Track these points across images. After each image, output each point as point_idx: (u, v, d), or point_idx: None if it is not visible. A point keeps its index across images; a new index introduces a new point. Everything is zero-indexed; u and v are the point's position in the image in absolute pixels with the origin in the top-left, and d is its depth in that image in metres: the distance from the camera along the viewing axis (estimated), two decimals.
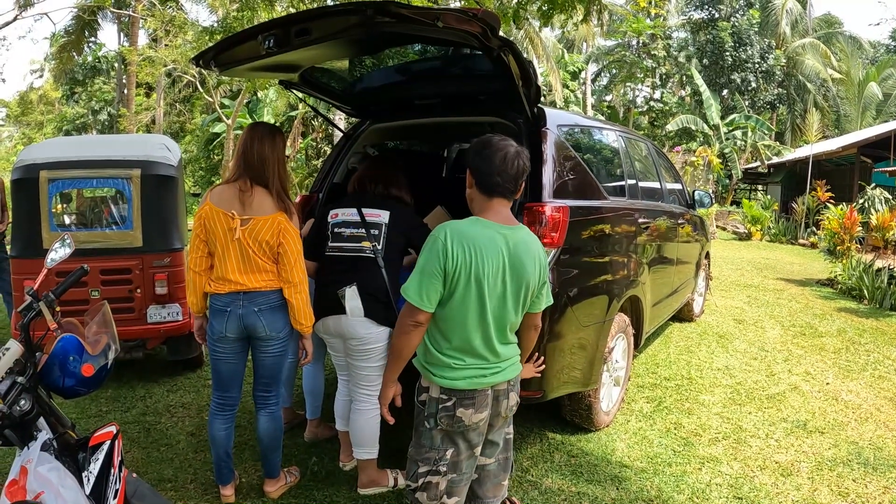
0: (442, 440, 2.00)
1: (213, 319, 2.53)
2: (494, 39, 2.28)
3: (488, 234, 1.93)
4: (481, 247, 1.90)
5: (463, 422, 1.96)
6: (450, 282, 1.89)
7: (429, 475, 2.01)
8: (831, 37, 24.71)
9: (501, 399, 2.05)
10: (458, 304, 1.92)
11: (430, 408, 2.00)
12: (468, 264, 1.88)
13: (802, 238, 14.91)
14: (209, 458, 3.14)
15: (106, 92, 27.27)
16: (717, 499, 3.01)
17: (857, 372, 5.10)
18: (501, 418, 2.09)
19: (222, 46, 2.68)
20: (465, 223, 1.96)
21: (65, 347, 1.92)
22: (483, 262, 1.89)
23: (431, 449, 2.01)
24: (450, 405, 1.96)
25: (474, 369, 1.97)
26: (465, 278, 1.89)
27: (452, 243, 1.88)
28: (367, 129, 3.70)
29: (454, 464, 2.01)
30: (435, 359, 1.99)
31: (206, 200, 2.52)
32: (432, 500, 2.03)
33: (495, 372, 2.01)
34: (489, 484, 2.18)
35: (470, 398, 1.96)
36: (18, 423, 1.75)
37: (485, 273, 1.89)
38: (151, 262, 4.14)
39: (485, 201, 2.00)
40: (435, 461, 2.00)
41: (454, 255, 1.87)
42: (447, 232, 1.90)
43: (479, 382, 1.98)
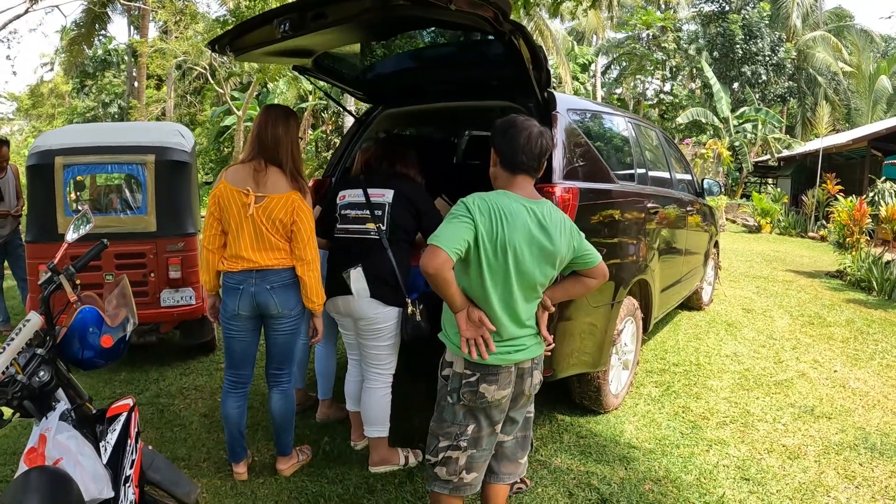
0: (464, 416, 2.02)
1: (226, 297, 2.58)
2: (506, 23, 2.30)
3: (515, 205, 1.95)
4: (508, 216, 1.91)
5: (486, 398, 1.98)
6: (476, 243, 1.89)
7: (449, 450, 2.03)
8: (842, 30, 24.44)
9: (525, 377, 2.07)
10: (485, 274, 1.92)
11: (453, 382, 2.02)
12: (494, 231, 1.89)
13: (812, 231, 14.82)
14: (222, 438, 3.20)
15: (116, 85, 27.43)
16: (724, 479, 3.04)
17: (865, 360, 5.10)
18: (525, 396, 2.10)
19: (237, 31, 2.71)
20: (493, 193, 1.98)
21: (85, 319, 1.96)
22: (510, 232, 1.90)
23: (453, 424, 2.03)
24: (473, 380, 1.98)
25: (500, 345, 1.98)
26: (493, 246, 1.90)
27: (478, 205, 1.90)
28: (379, 114, 3.73)
29: (475, 440, 2.04)
30: None
31: (221, 179, 2.56)
32: (451, 476, 2.05)
33: (520, 349, 2.02)
34: (506, 461, 2.21)
35: (494, 374, 1.98)
36: (38, 394, 1.79)
37: (511, 243, 1.91)
38: (165, 247, 4.20)
39: (509, 178, 2.03)
40: (456, 436, 2.02)
41: (480, 214, 1.88)
42: (475, 197, 1.93)
43: (504, 359, 1.99)
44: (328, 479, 2.83)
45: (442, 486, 2.09)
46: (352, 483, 2.80)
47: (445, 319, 2.07)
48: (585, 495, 2.80)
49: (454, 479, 2.06)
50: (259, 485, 2.78)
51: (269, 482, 2.80)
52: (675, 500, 2.82)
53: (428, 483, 2.14)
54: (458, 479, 2.06)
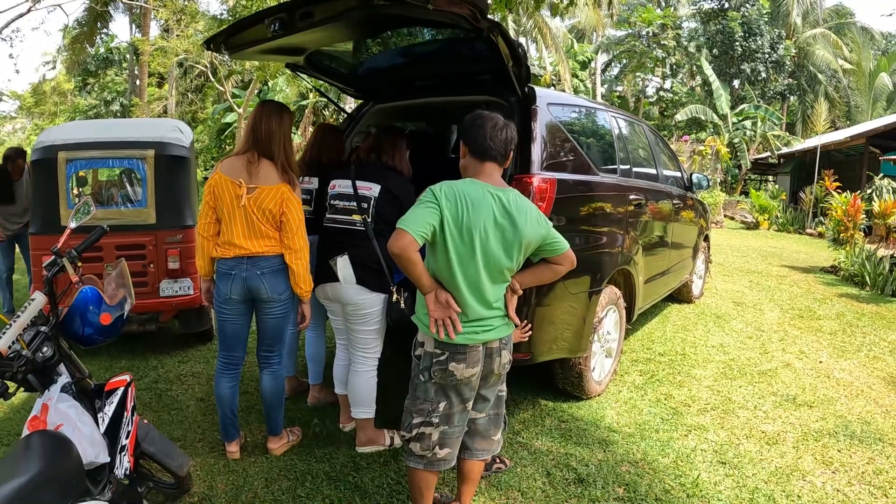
0: (436, 393, 2.14)
1: (219, 282, 2.71)
2: (483, 21, 2.41)
3: (480, 191, 2.08)
4: (473, 201, 2.04)
5: (455, 375, 2.10)
6: (441, 227, 2.01)
7: (422, 426, 2.16)
8: (842, 27, 24.42)
9: (494, 356, 2.18)
10: (452, 257, 2.04)
11: (424, 361, 2.14)
12: (460, 215, 2.02)
13: (810, 228, 14.88)
14: (216, 420, 3.32)
15: (118, 83, 27.60)
16: (700, 463, 3.12)
17: (852, 352, 5.18)
18: (495, 375, 2.22)
19: (232, 30, 2.83)
20: (460, 181, 2.11)
21: (85, 298, 2.09)
22: (475, 216, 2.03)
23: (425, 401, 2.15)
24: (443, 359, 2.10)
25: (467, 326, 2.10)
26: (458, 230, 2.02)
27: (444, 191, 2.03)
28: (369, 109, 3.85)
29: (446, 416, 2.16)
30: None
31: (216, 170, 2.70)
32: (425, 451, 2.17)
33: (487, 329, 2.14)
34: (479, 437, 2.32)
35: (462, 353, 2.10)
36: (41, 368, 1.91)
37: (476, 227, 2.03)
38: (164, 239, 4.33)
39: (478, 165, 2.15)
40: (428, 412, 2.14)
41: (447, 200, 2.01)
42: (442, 185, 2.07)
43: (472, 339, 2.11)
44: (316, 458, 2.95)
45: (416, 462, 2.21)
46: (339, 462, 2.92)
47: (418, 303, 2.18)
48: (563, 475, 2.91)
49: (428, 454, 2.17)
50: (251, 463, 2.90)
51: (260, 461, 2.92)
52: (650, 482, 2.91)
53: (405, 459, 2.25)
54: (432, 455, 2.17)
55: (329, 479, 2.79)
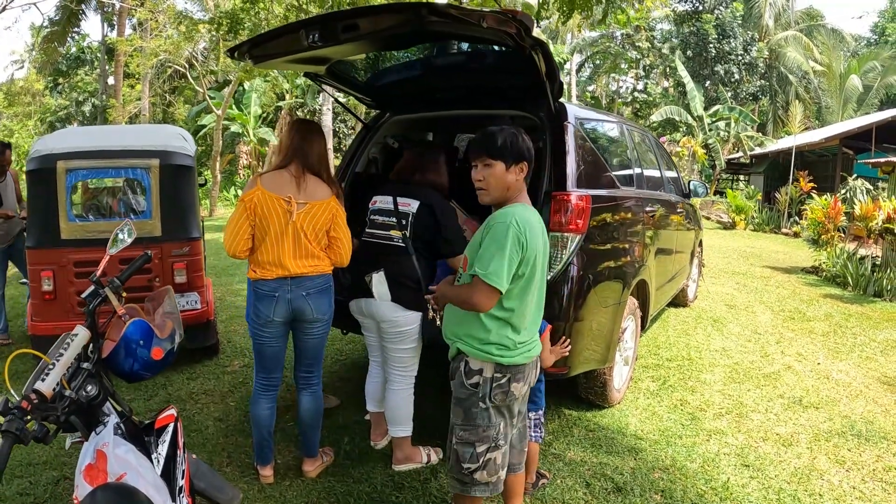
0: (494, 416, 2.12)
1: (258, 304, 2.62)
2: (528, 39, 2.41)
3: (534, 217, 2.09)
4: (535, 229, 2.05)
5: (515, 395, 2.11)
6: (523, 265, 2.02)
7: (489, 452, 2.12)
8: (813, 29, 25.14)
9: (533, 368, 2.21)
10: (525, 285, 2.05)
11: (483, 388, 2.09)
12: (534, 248, 2.03)
13: (785, 227, 15.28)
14: (240, 441, 3.26)
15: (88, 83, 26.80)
16: (726, 466, 3.22)
17: (846, 353, 5.35)
18: (531, 387, 2.24)
19: (259, 40, 2.77)
20: (524, 210, 2.07)
21: (136, 332, 1.97)
22: (538, 243, 2.05)
23: (489, 427, 2.11)
24: (504, 382, 2.08)
25: (526, 345, 2.12)
26: (532, 259, 2.03)
27: (526, 230, 2.00)
28: (387, 121, 3.82)
29: (505, 435, 2.16)
30: (493, 338, 2.06)
31: (255, 186, 2.58)
32: (492, 476, 2.13)
33: (535, 345, 2.18)
34: (515, 451, 2.33)
35: (521, 372, 2.11)
36: (85, 409, 1.79)
37: (537, 253, 2.05)
38: (170, 251, 4.22)
39: (524, 188, 2.15)
40: (493, 438, 2.12)
41: (528, 239, 1.99)
42: (517, 220, 1.99)
43: (529, 356, 2.13)
44: (354, 479, 2.91)
45: (483, 489, 2.15)
46: (378, 481, 2.89)
47: (467, 329, 2.12)
48: (601, 485, 2.95)
49: (494, 478, 2.15)
50: (286, 487, 2.84)
51: (297, 484, 2.86)
52: (683, 487, 2.98)
53: (466, 490, 2.16)
54: (497, 478, 2.16)
55: (371, 500, 2.76)
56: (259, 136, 19.16)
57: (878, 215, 7.41)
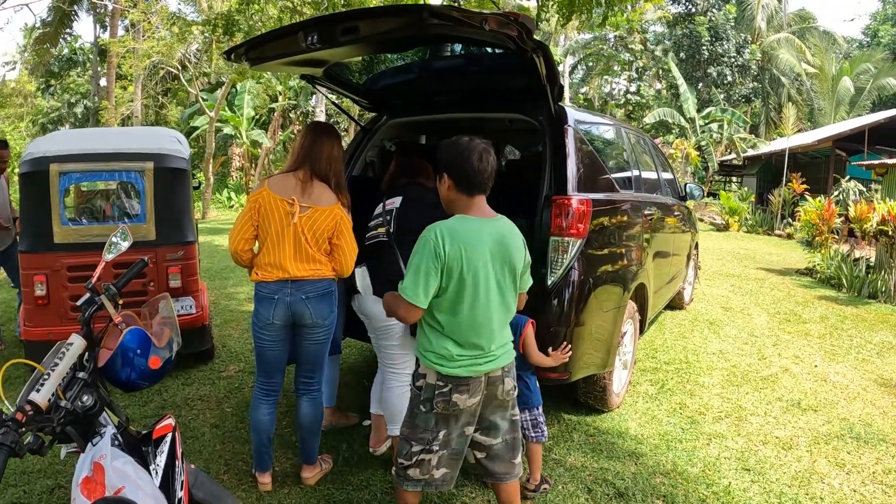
0: (436, 422, 2.12)
1: (259, 307, 2.60)
2: (529, 42, 2.39)
3: (476, 228, 2.05)
4: (471, 241, 2.01)
5: (458, 406, 2.09)
6: (444, 278, 2.00)
7: (422, 453, 2.14)
8: (805, 32, 25.30)
9: (497, 384, 2.15)
10: (454, 297, 2.03)
11: (426, 393, 2.11)
12: (460, 260, 1.99)
13: (778, 229, 15.35)
14: (237, 449, 3.22)
15: (80, 84, 26.61)
16: (727, 470, 3.21)
17: (842, 355, 5.36)
18: (497, 401, 2.18)
19: (256, 42, 2.74)
20: (454, 221, 2.06)
21: (133, 340, 1.93)
22: (473, 257, 2.00)
23: (426, 430, 2.13)
24: (446, 391, 2.08)
25: (470, 359, 2.07)
26: (458, 274, 2.00)
27: (445, 242, 1.98)
28: (384, 124, 3.79)
29: (446, 442, 2.15)
30: (433, 347, 2.09)
31: (262, 187, 2.59)
32: (424, 475, 2.16)
33: (490, 360, 2.11)
34: (499, 462, 2.29)
35: (465, 384, 2.08)
36: (81, 419, 1.75)
37: (476, 267, 2.01)
38: (165, 256, 4.17)
39: (467, 200, 2.09)
40: (429, 441, 2.13)
41: (447, 252, 1.97)
42: (437, 232, 2.00)
43: (475, 370, 2.09)
44: (353, 486, 2.87)
45: (414, 485, 2.19)
46: (377, 488, 2.86)
47: (419, 335, 2.16)
48: (603, 490, 2.93)
49: (426, 477, 2.16)
50: (285, 495, 2.80)
51: (295, 491, 2.82)
52: (686, 492, 2.97)
53: (399, 482, 2.22)
54: (430, 476, 2.16)
55: None
56: (252, 138, 19.08)
57: (873, 217, 7.43)
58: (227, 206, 18.66)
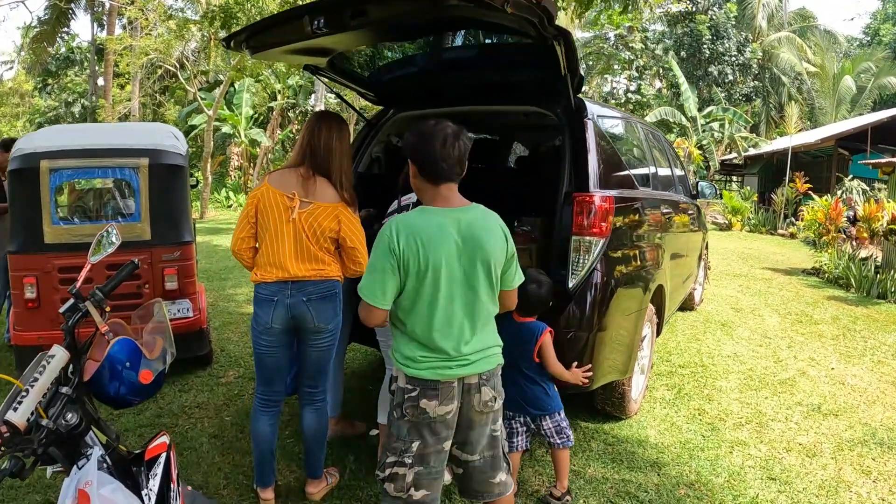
0: (408, 431, 1.94)
1: (258, 309, 2.44)
2: (550, 28, 2.23)
3: (437, 221, 1.88)
4: (431, 236, 1.85)
5: (427, 413, 1.89)
6: (402, 275, 1.86)
7: (395, 466, 1.95)
8: (806, 31, 25.21)
9: (473, 392, 1.94)
10: (413, 295, 1.88)
11: (398, 397, 1.96)
12: (418, 256, 1.83)
13: (781, 228, 15.23)
14: (237, 461, 3.05)
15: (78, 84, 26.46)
16: (752, 480, 3.07)
17: (858, 357, 5.23)
18: (477, 413, 1.97)
19: (258, 28, 2.58)
20: (413, 214, 1.92)
21: (121, 352, 1.75)
22: (434, 251, 1.84)
23: (398, 439, 1.95)
24: (414, 395, 1.90)
25: (436, 361, 1.90)
26: (416, 270, 1.84)
27: (399, 237, 1.83)
28: (390, 118, 3.62)
29: (420, 456, 1.94)
30: (400, 347, 1.95)
31: (264, 182, 2.45)
32: (399, 493, 1.96)
33: (462, 364, 1.91)
34: (476, 480, 2.10)
35: (433, 389, 1.89)
36: (66, 439, 1.59)
37: (437, 262, 1.84)
38: (161, 256, 4.00)
39: (433, 189, 1.92)
40: (401, 452, 1.94)
41: (402, 249, 1.83)
42: (393, 227, 1.86)
43: (443, 374, 1.90)
44: (362, 501, 2.71)
45: (392, 502, 2.00)
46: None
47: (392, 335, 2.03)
48: None
49: (403, 495, 1.96)
50: None
51: None
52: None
53: (381, 498, 2.05)
54: (408, 496, 1.96)
55: None
56: (250, 137, 18.89)
57: (883, 216, 7.30)
58: (225, 206, 18.47)
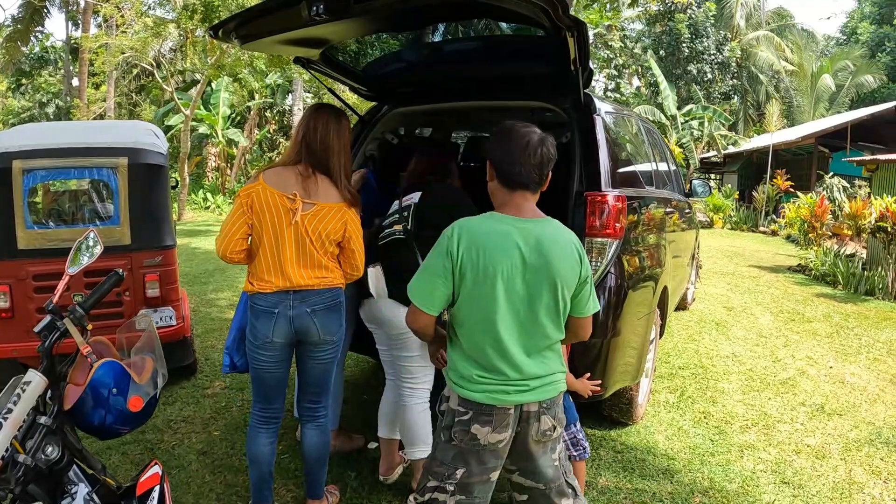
0: (454, 457, 1.77)
1: (256, 323, 2.23)
2: (565, 18, 2.10)
3: (502, 229, 1.73)
4: (494, 244, 1.70)
5: (478, 440, 1.73)
6: (457, 282, 1.72)
7: (436, 491, 1.79)
8: (784, 29, 25.52)
9: (531, 421, 1.77)
10: (468, 307, 1.73)
11: (447, 419, 1.79)
12: (476, 263, 1.69)
13: (763, 226, 15.37)
14: (229, 480, 2.87)
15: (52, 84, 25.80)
16: (766, 485, 3.01)
17: (854, 355, 5.21)
18: (534, 442, 1.80)
19: (249, 15, 2.40)
20: (478, 219, 1.77)
21: (107, 375, 1.60)
22: (494, 262, 1.69)
23: (442, 464, 1.79)
24: (466, 419, 1.73)
25: (493, 384, 1.73)
26: (473, 278, 1.70)
27: (459, 241, 1.70)
28: (385, 114, 3.46)
29: (464, 485, 1.78)
30: (455, 364, 1.79)
31: (257, 180, 2.21)
32: None
33: (522, 390, 1.74)
34: None
35: (487, 414, 1.72)
36: (46, 475, 1.43)
37: (497, 273, 1.69)
38: (141, 262, 3.78)
39: (506, 195, 1.78)
40: (444, 478, 1.78)
41: (461, 253, 1.69)
42: (455, 229, 1.74)
43: (499, 399, 1.73)
44: None
45: None
46: None
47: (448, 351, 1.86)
48: None
49: None
50: None
51: None
52: None
53: None
54: None
55: None
56: (228, 137, 18.50)
57: (870, 213, 7.33)
58: (202, 208, 18.04)
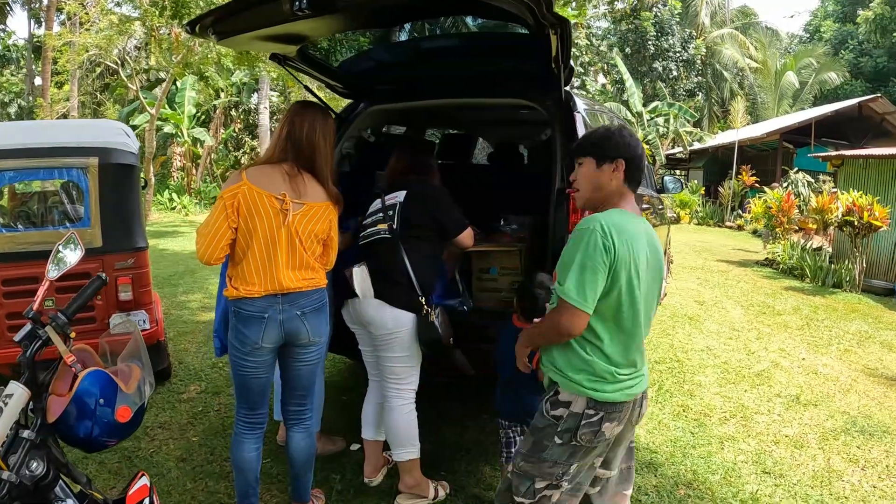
0: (570, 455, 1.80)
1: (243, 329, 2.15)
2: (549, 15, 2.08)
3: (636, 226, 1.77)
4: (636, 239, 1.73)
5: (604, 436, 1.78)
6: (610, 279, 1.69)
7: (547, 489, 1.83)
8: (748, 27, 26.09)
9: (636, 407, 1.88)
10: (616, 304, 1.72)
11: (568, 423, 1.78)
12: (627, 259, 1.69)
13: (729, 221, 15.72)
14: (212, 486, 2.80)
15: (14, 83, 24.90)
16: (748, 475, 3.06)
17: (825, 346, 5.35)
18: (630, 426, 1.91)
19: (227, 10, 2.32)
20: (615, 214, 1.77)
21: (94, 385, 1.54)
22: (638, 257, 1.71)
23: (556, 464, 1.81)
24: (595, 420, 1.76)
25: (627, 378, 1.79)
26: (627, 274, 1.69)
27: (613, 236, 1.68)
28: (362, 111, 3.40)
29: (574, 476, 1.85)
30: (588, 368, 1.76)
31: (240, 180, 2.11)
32: None
33: (641, 379, 1.85)
34: (609, 494, 2.03)
35: (619, 411, 1.79)
36: (31, 492, 1.37)
37: (639, 268, 1.72)
38: (113, 265, 3.65)
39: (626, 193, 1.85)
40: (558, 476, 1.81)
41: (617, 248, 1.67)
42: (601, 224, 1.70)
43: (631, 393, 1.80)
44: None
45: None
46: None
47: (559, 355, 1.82)
48: None
49: None
50: None
51: None
52: (712, 502, 2.80)
53: None
54: None
55: None
56: (193, 137, 18.10)
57: (837, 208, 7.55)
58: (168, 208, 17.64)
